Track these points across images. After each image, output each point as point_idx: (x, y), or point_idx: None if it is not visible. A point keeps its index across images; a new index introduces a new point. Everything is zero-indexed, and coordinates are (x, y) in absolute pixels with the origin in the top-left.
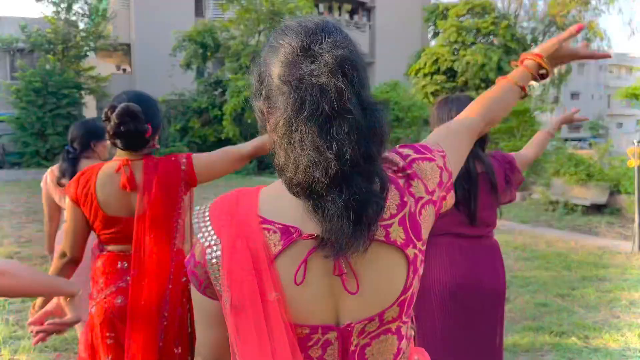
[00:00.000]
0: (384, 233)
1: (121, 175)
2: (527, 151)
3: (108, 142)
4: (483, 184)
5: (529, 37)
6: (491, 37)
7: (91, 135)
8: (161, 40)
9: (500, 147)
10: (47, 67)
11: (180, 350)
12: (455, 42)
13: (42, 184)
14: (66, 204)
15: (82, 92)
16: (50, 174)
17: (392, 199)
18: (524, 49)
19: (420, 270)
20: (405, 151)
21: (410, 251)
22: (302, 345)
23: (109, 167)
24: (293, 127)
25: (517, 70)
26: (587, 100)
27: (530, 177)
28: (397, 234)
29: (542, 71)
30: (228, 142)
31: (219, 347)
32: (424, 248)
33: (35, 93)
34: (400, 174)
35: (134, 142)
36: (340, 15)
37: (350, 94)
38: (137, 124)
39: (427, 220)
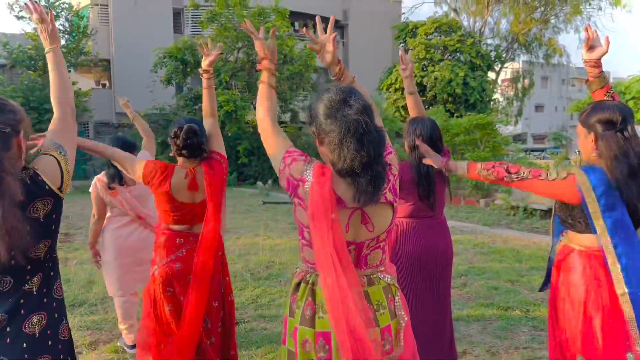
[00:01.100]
0: (384, 198)
1: (189, 180)
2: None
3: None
4: (438, 179)
5: (492, 54)
6: (457, 54)
7: (128, 146)
8: (140, 56)
9: (466, 157)
10: (27, 82)
11: (217, 304)
12: (424, 58)
13: (91, 190)
14: (138, 167)
15: None
16: (98, 182)
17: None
18: (489, 65)
19: (396, 212)
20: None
21: (395, 204)
22: None
23: (179, 172)
24: (343, 141)
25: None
26: (550, 112)
27: (493, 185)
28: (389, 196)
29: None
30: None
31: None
32: (398, 200)
33: None
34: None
35: (196, 152)
36: (314, 32)
37: (370, 123)
38: (198, 138)
39: (398, 186)
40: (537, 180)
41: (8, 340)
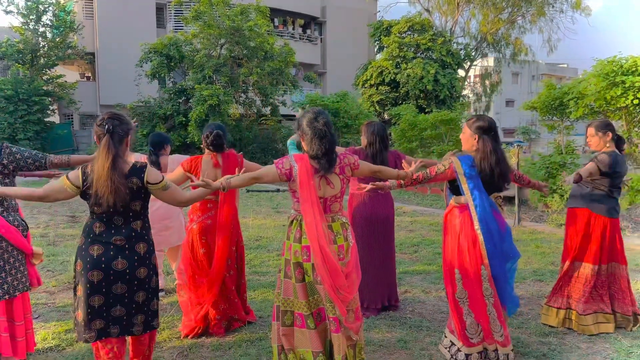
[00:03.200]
0: (334, 171)
1: (213, 161)
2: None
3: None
4: None
5: (462, 53)
6: (429, 52)
7: (164, 141)
8: (124, 50)
9: (433, 150)
10: (16, 75)
11: (233, 248)
12: (398, 56)
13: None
14: (177, 170)
15: (51, 99)
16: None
17: (337, 162)
18: (458, 63)
19: (346, 183)
20: (347, 153)
21: (341, 176)
22: None
23: (207, 157)
24: (313, 140)
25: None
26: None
27: None
28: (338, 171)
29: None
30: (192, 145)
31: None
32: (347, 176)
33: (6, 100)
34: (341, 157)
35: (219, 148)
36: (294, 29)
37: (328, 131)
38: (221, 140)
39: (347, 170)
40: (435, 175)
41: (127, 252)
